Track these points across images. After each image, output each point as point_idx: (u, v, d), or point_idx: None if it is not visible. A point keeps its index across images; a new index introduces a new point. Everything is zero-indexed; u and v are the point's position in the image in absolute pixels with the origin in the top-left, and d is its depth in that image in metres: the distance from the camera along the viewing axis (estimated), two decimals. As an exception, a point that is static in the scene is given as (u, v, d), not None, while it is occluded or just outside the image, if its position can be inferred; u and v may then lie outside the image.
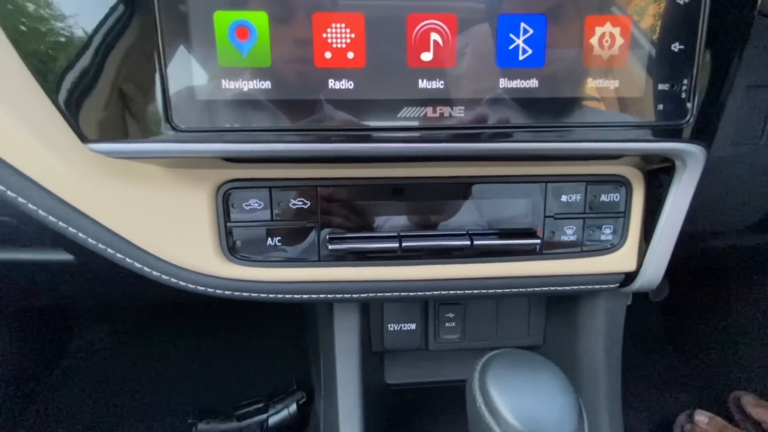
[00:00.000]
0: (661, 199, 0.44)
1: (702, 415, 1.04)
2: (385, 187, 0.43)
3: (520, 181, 0.44)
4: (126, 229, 0.40)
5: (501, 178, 0.44)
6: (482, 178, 0.43)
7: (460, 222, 0.44)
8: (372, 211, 0.43)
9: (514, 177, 0.44)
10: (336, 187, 0.42)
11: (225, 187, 0.41)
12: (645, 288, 0.49)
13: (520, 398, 0.29)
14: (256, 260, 0.43)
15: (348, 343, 0.54)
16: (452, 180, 0.43)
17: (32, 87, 0.32)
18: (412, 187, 0.43)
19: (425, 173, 0.43)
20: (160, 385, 1.14)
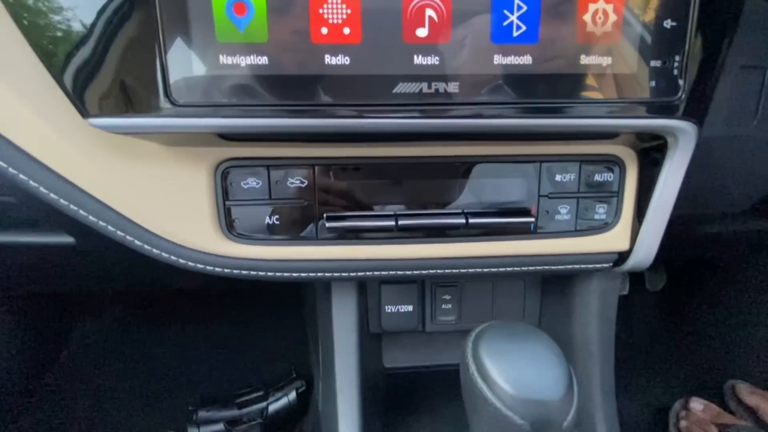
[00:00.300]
0: (653, 177, 0.44)
1: (697, 403, 1.06)
2: (381, 167, 0.43)
3: (515, 160, 0.44)
4: (126, 206, 0.40)
5: (496, 157, 0.44)
6: (477, 158, 0.44)
7: (455, 201, 0.44)
8: (369, 190, 0.43)
9: (509, 156, 0.44)
10: (333, 167, 0.43)
11: (223, 165, 0.41)
12: (638, 267, 0.50)
13: (512, 364, 0.29)
14: (254, 238, 0.43)
15: (346, 322, 0.55)
16: (448, 160, 0.44)
17: (33, 62, 0.33)
18: (408, 166, 0.44)
19: (421, 153, 0.43)
20: (161, 373, 1.15)
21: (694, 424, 1.03)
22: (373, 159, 0.43)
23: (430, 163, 0.44)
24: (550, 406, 0.28)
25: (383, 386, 0.68)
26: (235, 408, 1.06)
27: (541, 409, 0.28)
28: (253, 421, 1.03)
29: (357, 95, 0.34)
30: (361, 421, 0.54)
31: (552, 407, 0.28)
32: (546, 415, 0.28)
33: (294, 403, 1.06)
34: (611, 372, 0.56)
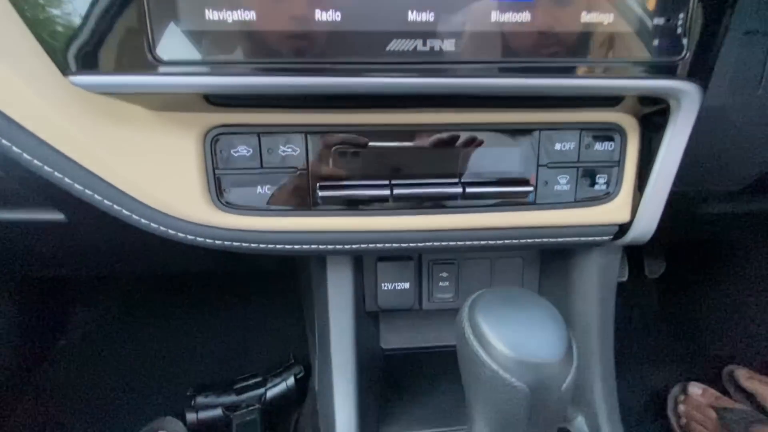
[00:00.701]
0: (655, 145, 0.43)
1: (696, 387, 1.06)
2: (376, 134, 0.42)
3: (514, 128, 0.43)
4: (112, 174, 0.39)
5: (494, 125, 0.43)
6: (475, 126, 0.43)
7: (452, 171, 0.43)
8: (363, 159, 0.42)
9: (507, 124, 0.43)
10: (326, 134, 0.41)
11: (213, 132, 0.40)
12: (638, 240, 0.49)
13: (509, 327, 0.28)
14: (245, 208, 0.42)
15: (341, 300, 0.54)
16: (445, 128, 0.42)
17: (13, 19, 0.31)
18: (403, 134, 0.42)
19: (418, 120, 0.42)
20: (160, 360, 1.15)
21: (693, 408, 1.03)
22: (368, 126, 0.42)
23: (426, 131, 0.42)
24: (548, 369, 0.27)
25: (380, 367, 0.68)
26: (234, 394, 1.06)
27: (540, 371, 0.27)
28: (252, 406, 1.02)
29: (348, 52, 0.33)
30: (357, 400, 0.53)
31: (550, 369, 0.27)
32: (544, 377, 0.27)
33: (292, 388, 1.06)
34: (611, 349, 0.56)
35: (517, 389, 0.27)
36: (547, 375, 0.27)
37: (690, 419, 1.03)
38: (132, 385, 1.11)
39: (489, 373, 0.28)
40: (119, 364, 1.14)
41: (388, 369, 0.68)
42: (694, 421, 1.02)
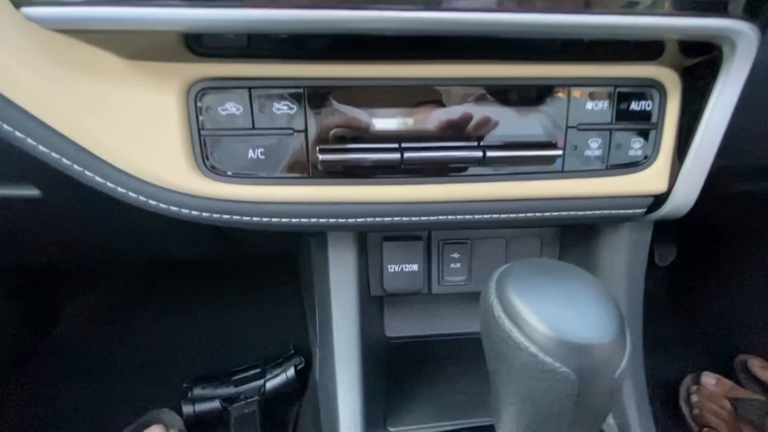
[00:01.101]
0: (700, 103, 0.38)
1: (709, 377, 1.02)
2: (384, 90, 0.37)
3: (540, 83, 0.38)
4: (82, 134, 0.34)
5: (517, 80, 0.38)
6: (496, 80, 0.38)
7: (470, 133, 0.38)
8: (369, 119, 0.37)
9: (533, 79, 0.38)
10: (327, 89, 0.36)
11: (197, 87, 0.35)
12: (674, 214, 0.44)
13: (548, 302, 0.24)
14: (236, 176, 0.37)
15: (344, 282, 0.49)
16: (462, 82, 0.37)
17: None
18: (415, 90, 0.37)
19: (431, 73, 0.37)
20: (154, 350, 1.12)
21: (706, 398, 1.00)
22: (375, 80, 0.36)
23: (441, 86, 0.37)
24: (599, 351, 0.22)
25: (385, 356, 0.63)
26: (232, 385, 1.02)
27: (589, 354, 0.22)
28: (250, 398, 0.99)
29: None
30: (362, 392, 0.48)
31: (602, 352, 0.22)
32: (595, 362, 0.22)
33: (292, 380, 1.02)
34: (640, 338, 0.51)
35: (561, 377, 0.22)
36: (599, 359, 0.22)
37: (703, 409, 0.99)
38: (126, 377, 1.08)
39: (525, 359, 0.23)
40: (113, 355, 1.11)
41: (394, 359, 0.63)
42: (707, 412, 0.98)
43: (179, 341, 1.15)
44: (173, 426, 0.95)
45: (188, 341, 1.15)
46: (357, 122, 0.37)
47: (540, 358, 0.22)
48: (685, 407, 1.03)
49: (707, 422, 0.96)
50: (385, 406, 0.53)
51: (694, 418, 1.00)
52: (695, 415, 1.00)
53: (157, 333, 1.15)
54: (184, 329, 1.17)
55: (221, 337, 1.16)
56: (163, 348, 1.13)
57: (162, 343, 1.14)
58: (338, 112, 0.37)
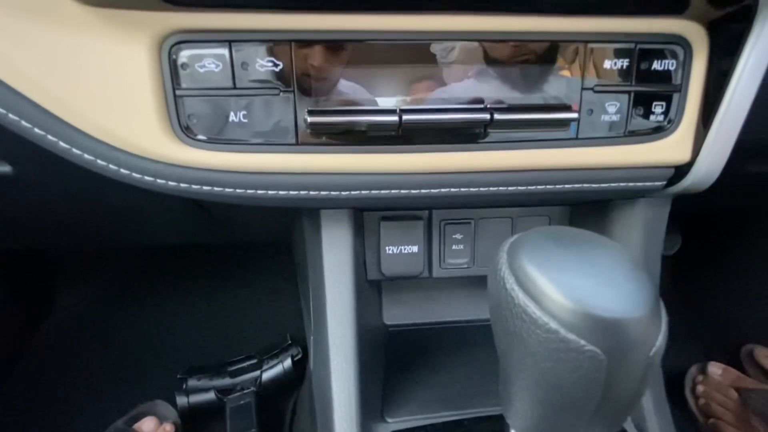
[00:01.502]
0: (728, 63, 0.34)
1: (715, 367, 1.00)
2: (382, 45, 0.33)
3: (553, 38, 0.34)
4: (42, 92, 0.30)
5: (529, 34, 0.34)
6: (505, 35, 0.34)
7: (476, 94, 0.34)
8: (364, 77, 0.33)
9: (545, 33, 0.34)
10: (317, 43, 0.32)
11: (171, 40, 0.31)
12: (695, 188, 0.40)
13: (570, 272, 0.20)
14: (216, 142, 0.33)
15: (338, 264, 0.46)
16: (468, 36, 0.33)
17: None
18: (416, 45, 0.33)
19: (433, 25, 0.33)
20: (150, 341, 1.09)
21: (713, 388, 0.97)
22: (371, 33, 0.32)
23: (444, 40, 0.33)
24: (631, 327, 0.19)
25: (383, 345, 0.60)
26: (228, 376, 1.00)
27: (620, 330, 0.19)
28: (246, 389, 0.97)
29: None
30: (357, 381, 0.45)
31: (634, 328, 0.19)
32: (626, 339, 0.19)
33: (289, 370, 1.00)
34: None
35: (587, 357, 0.18)
36: (632, 336, 0.19)
37: (709, 400, 0.97)
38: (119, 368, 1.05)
39: (544, 336, 0.19)
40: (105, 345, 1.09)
41: (393, 347, 0.60)
42: (713, 402, 0.96)
43: (174, 332, 1.12)
44: (167, 418, 0.93)
45: (183, 332, 1.13)
46: (350, 81, 0.33)
47: (561, 335, 0.19)
48: (691, 398, 1.01)
49: (713, 413, 0.94)
50: (383, 396, 0.50)
51: (700, 409, 0.98)
52: (701, 406, 0.98)
53: (152, 323, 1.13)
54: (179, 319, 1.14)
55: (217, 328, 1.14)
56: (158, 338, 1.11)
57: (156, 333, 1.12)
58: (329, 69, 0.33)
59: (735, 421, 0.90)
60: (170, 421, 0.92)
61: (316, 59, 0.32)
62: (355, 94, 0.33)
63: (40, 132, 0.31)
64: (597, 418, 0.20)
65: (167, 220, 0.66)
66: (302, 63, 0.32)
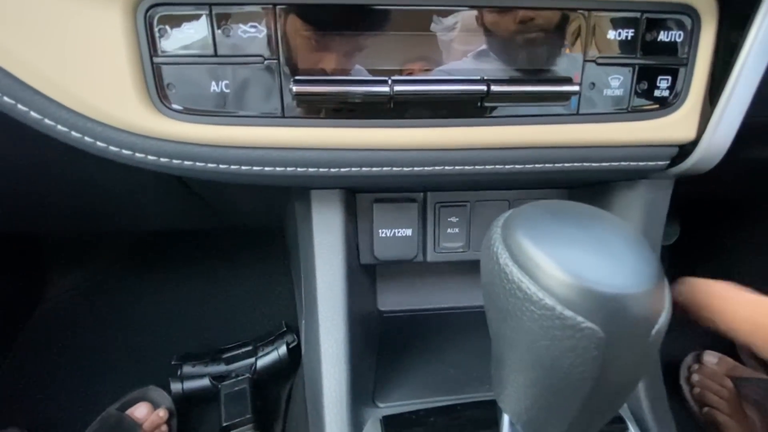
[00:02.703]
0: (737, 36, 0.32)
1: (711, 356, 1.00)
2: (372, 12, 0.31)
3: (554, 5, 0.32)
4: (9, 58, 0.28)
5: (529, 1, 0.32)
6: (505, 1, 0.32)
7: (472, 65, 0.33)
8: (355, 45, 0.31)
9: (546, 0, 0.32)
10: (304, 8, 0.30)
11: (147, 2, 0.29)
12: (699, 168, 0.39)
13: (567, 245, 0.19)
14: (197, 113, 0.32)
15: (329, 246, 0.44)
16: (464, 2, 0.31)
17: None
18: (409, 12, 0.31)
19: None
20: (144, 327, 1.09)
21: (708, 377, 0.97)
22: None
23: (439, 6, 0.31)
24: (632, 303, 0.17)
25: (378, 331, 0.59)
26: (222, 363, 0.99)
27: (620, 307, 0.17)
28: (241, 376, 0.96)
29: None
30: (348, 365, 0.44)
31: (636, 304, 0.17)
32: (627, 316, 0.17)
33: (284, 357, 0.99)
34: None
35: (584, 334, 0.17)
36: (633, 313, 0.17)
37: (704, 389, 0.97)
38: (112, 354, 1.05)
39: (539, 313, 0.18)
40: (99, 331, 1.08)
41: (387, 333, 0.59)
42: (708, 391, 0.96)
43: (168, 318, 1.12)
44: (160, 404, 0.92)
45: (178, 318, 1.12)
46: (339, 49, 0.31)
47: (558, 311, 0.17)
48: (686, 386, 1.01)
49: (708, 401, 0.94)
50: (375, 381, 0.49)
51: (695, 398, 0.98)
52: (696, 395, 0.98)
53: (146, 309, 1.12)
54: (174, 306, 1.13)
55: (212, 314, 1.13)
56: (152, 325, 1.10)
57: (151, 319, 1.11)
58: (317, 35, 0.31)
59: (729, 410, 0.90)
60: (164, 406, 0.92)
61: (302, 25, 0.30)
62: (344, 63, 0.32)
63: (10, 101, 0.30)
64: (592, 403, 0.19)
65: (157, 204, 0.64)
66: (287, 29, 0.30)
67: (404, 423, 0.43)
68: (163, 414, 0.90)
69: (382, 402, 0.45)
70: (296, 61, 0.31)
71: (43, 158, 0.45)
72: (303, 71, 0.31)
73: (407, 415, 0.43)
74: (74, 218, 0.72)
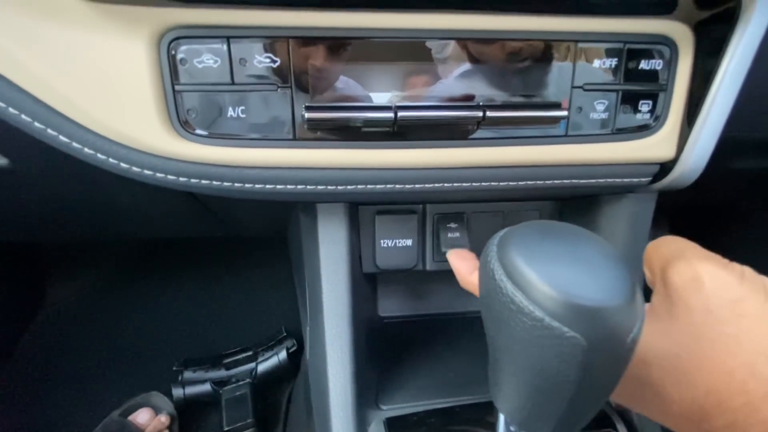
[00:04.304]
0: (712, 63, 0.35)
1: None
2: (378, 43, 0.34)
3: (545, 37, 0.35)
4: (41, 85, 0.31)
5: (521, 33, 0.35)
6: (498, 33, 0.35)
7: (469, 91, 0.35)
8: (361, 73, 0.34)
9: (538, 33, 0.35)
10: (315, 40, 0.33)
11: (169, 35, 0.32)
12: (679, 183, 0.42)
13: (555, 264, 0.21)
14: (214, 136, 0.34)
15: (335, 257, 0.47)
16: (462, 34, 0.34)
17: None
18: (411, 44, 0.34)
19: (429, 23, 0.34)
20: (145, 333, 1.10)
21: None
22: (367, 30, 0.33)
23: (438, 38, 0.34)
24: (611, 315, 0.20)
25: (379, 336, 0.62)
26: (223, 368, 1.01)
27: (600, 318, 0.20)
28: (242, 381, 0.98)
29: None
30: (353, 371, 0.47)
31: (614, 316, 0.20)
32: (606, 326, 0.20)
33: (284, 362, 1.01)
34: None
35: (569, 342, 0.20)
36: (610, 323, 0.20)
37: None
38: (115, 360, 1.06)
39: (530, 324, 0.21)
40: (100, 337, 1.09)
41: (388, 338, 0.61)
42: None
43: (169, 324, 1.13)
44: (162, 409, 0.94)
45: (179, 324, 1.13)
46: (346, 78, 0.34)
47: (546, 322, 0.20)
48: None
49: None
50: (378, 384, 0.51)
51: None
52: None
53: (147, 316, 1.13)
54: (175, 312, 1.14)
55: (212, 320, 1.14)
56: (153, 330, 1.11)
57: (152, 325, 1.12)
58: (327, 66, 0.33)
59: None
60: (165, 412, 0.93)
61: (313, 56, 0.33)
62: (351, 90, 0.34)
63: (40, 126, 0.32)
64: (576, 402, 0.22)
65: (165, 214, 0.66)
66: (300, 59, 0.33)
67: (406, 424, 0.45)
68: (165, 419, 0.91)
69: (385, 404, 0.48)
70: (307, 89, 0.34)
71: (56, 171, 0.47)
72: (313, 98, 0.34)
73: (409, 416, 0.45)
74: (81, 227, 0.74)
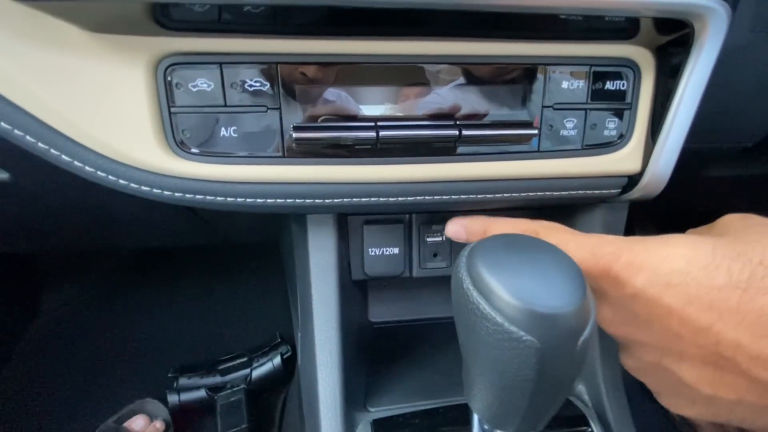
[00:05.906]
0: (672, 83, 0.38)
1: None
2: (360, 68, 0.36)
3: (516, 61, 0.38)
4: (44, 109, 0.33)
5: (494, 58, 0.38)
6: (473, 59, 0.37)
7: (446, 111, 0.38)
8: (345, 96, 0.37)
9: (510, 57, 0.38)
10: (301, 66, 0.35)
11: (165, 62, 0.34)
12: (647, 194, 0.45)
13: (515, 274, 0.24)
14: (208, 154, 0.36)
15: (324, 265, 0.49)
16: (440, 60, 0.37)
17: None
18: (392, 68, 0.37)
19: (409, 50, 0.36)
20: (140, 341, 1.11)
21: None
22: (350, 56, 0.36)
23: (418, 63, 0.37)
24: (562, 320, 0.22)
25: (369, 341, 0.64)
26: (218, 375, 1.02)
27: (552, 323, 0.22)
28: (237, 387, 0.99)
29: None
30: (342, 374, 0.49)
31: (565, 321, 0.22)
32: (557, 330, 0.22)
33: (279, 368, 1.02)
34: None
35: (525, 345, 0.22)
36: (561, 327, 0.22)
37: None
38: (110, 367, 1.06)
39: (492, 328, 0.23)
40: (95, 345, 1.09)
41: (377, 343, 0.63)
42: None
43: (164, 331, 1.14)
44: (157, 416, 0.95)
45: (173, 331, 1.14)
46: (332, 100, 0.36)
47: (506, 327, 0.22)
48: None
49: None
50: (367, 387, 0.53)
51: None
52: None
53: (142, 323, 1.14)
54: (169, 319, 1.15)
55: (207, 327, 1.15)
56: (148, 338, 1.12)
57: (147, 332, 1.13)
58: (313, 89, 0.36)
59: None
60: (160, 418, 0.94)
61: (300, 80, 0.36)
62: (336, 111, 0.37)
63: (44, 146, 0.34)
64: (536, 398, 0.24)
65: (160, 224, 0.68)
66: (288, 83, 0.36)
67: (392, 425, 0.47)
68: (160, 426, 0.92)
69: (372, 406, 0.50)
70: (295, 110, 0.36)
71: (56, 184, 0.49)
72: (301, 119, 0.36)
73: (395, 418, 0.47)
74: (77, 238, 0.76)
